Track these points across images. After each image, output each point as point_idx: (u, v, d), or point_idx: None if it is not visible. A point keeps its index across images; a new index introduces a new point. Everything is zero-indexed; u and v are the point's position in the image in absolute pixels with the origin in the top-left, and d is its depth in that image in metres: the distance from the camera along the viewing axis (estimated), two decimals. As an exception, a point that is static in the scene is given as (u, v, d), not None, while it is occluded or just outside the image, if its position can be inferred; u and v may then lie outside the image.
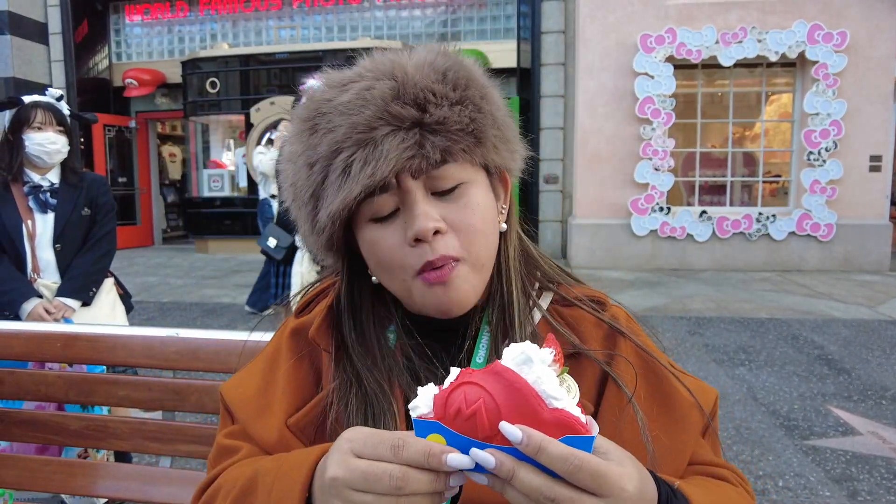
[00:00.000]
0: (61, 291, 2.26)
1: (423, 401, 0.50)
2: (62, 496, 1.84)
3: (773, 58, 7.86)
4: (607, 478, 0.48)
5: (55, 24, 10.82)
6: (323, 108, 0.65)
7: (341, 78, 0.67)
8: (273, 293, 4.28)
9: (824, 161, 7.88)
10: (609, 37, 8.16)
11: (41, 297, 2.24)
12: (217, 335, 1.29)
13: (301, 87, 3.12)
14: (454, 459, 0.47)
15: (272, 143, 5.56)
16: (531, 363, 0.48)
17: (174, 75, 10.77)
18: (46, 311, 2.20)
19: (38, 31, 10.73)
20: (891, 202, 8.10)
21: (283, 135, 5.37)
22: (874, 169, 7.91)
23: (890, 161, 7.93)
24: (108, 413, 1.84)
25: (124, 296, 2.54)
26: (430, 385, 0.51)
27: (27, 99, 2.28)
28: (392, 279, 0.68)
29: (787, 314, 5.58)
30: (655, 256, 8.30)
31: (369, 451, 0.50)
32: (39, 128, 2.23)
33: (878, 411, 3.33)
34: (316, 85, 0.69)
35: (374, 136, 0.61)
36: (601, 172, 8.28)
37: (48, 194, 2.27)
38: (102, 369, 1.77)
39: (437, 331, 0.72)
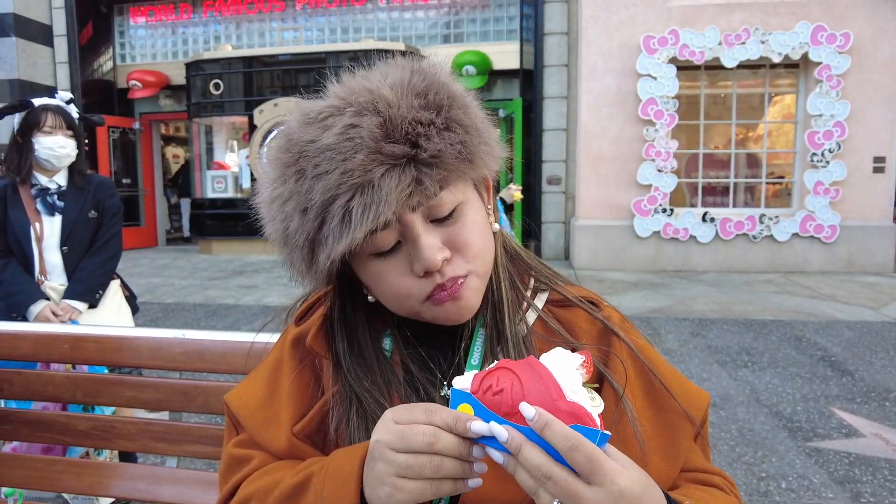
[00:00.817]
0: (68, 294, 2.27)
1: (465, 379, 0.58)
2: (64, 495, 1.85)
3: (777, 59, 7.85)
4: (601, 466, 0.50)
5: (60, 26, 10.87)
6: (307, 151, 0.62)
7: (318, 111, 0.64)
8: None
9: (828, 162, 7.87)
10: (612, 38, 8.17)
11: (48, 299, 2.25)
12: (223, 336, 1.30)
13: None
14: (477, 426, 0.53)
15: None
16: (561, 363, 0.56)
17: (178, 77, 10.81)
18: (53, 313, 2.21)
19: (42, 33, 10.78)
20: (895, 203, 8.07)
21: None
22: (878, 170, 7.90)
23: (894, 162, 7.91)
24: (112, 413, 1.86)
25: (130, 298, 2.55)
26: (474, 371, 0.59)
27: (37, 102, 2.28)
28: (397, 307, 0.68)
29: (790, 316, 5.58)
30: (658, 258, 8.29)
31: (406, 416, 0.57)
32: (50, 132, 2.24)
33: (882, 413, 3.32)
34: (291, 121, 0.66)
35: (371, 179, 0.59)
36: (604, 174, 8.28)
37: (55, 197, 2.28)
38: (104, 370, 1.79)
39: (433, 336, 0.73)
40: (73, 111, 2.35)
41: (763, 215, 8.11)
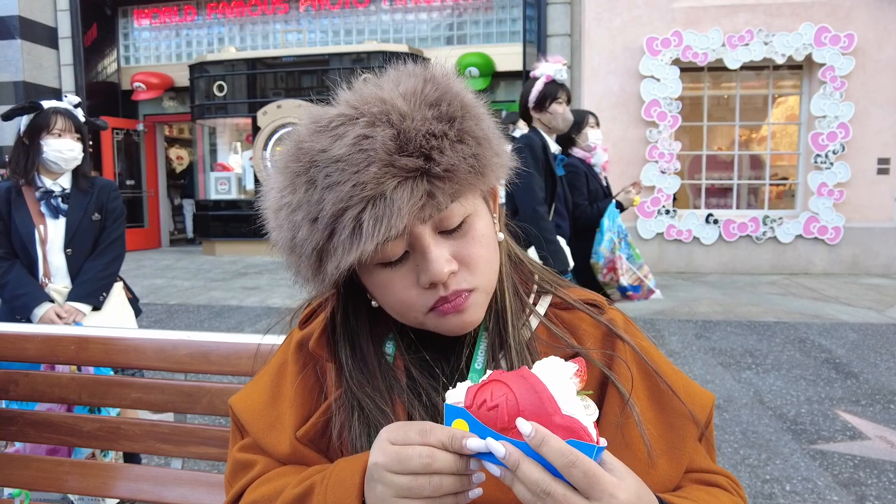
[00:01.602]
0: (72, 296, 2.27)
1: (458, 392, 0.58)
2: (70, 496, 1.86)
3: (780, 60, 7.84)
4: (599, 480, 0.51)
5: (65, 28, 10.92)
6: (318, 160, 0.61)
7: (329, 118, 0.63)
8: None
9: (831, 164, 7.85)
10: (615, 40, 8.17)
11: (52, 301, 2.26)
12: (228, 338, 1.30)
13: (533, 73, 2.95)
14: (473, 443, 0.54)
15: None
16: (554, 373, 0.55)
17: (182, 79, 10.84)
18: (58, 315, 2.22)
19: (48, 36, 10.84)
20: (899, 205, 8.05)
21: None
22: (882, 172, 7.88)
23: (898, 164, 7.90)
24: (117, 415, 1.86)
25: (132, 300, 2.55)
26: (468, 382, 0.58)
27: (46, 104, 2.29)
28: (403, 316, 0.68)
29: (794, 317, 5.56)
30: (662, 259, 8.28)
31: (401, 436, 0.57)
32: (59, 134, 2.25)
33: (887, 415, 3.31)
34: (300, 128, 0.65)
35: (384, 191, 0.58)
36: (607, 175, 8.27)
37: (59, 199, 2.29)
38: (110, 371, 1.80)
39: (436, 341, 0.73)
40: (79, 114, 2.36)
41: (766, 217, 8.09)
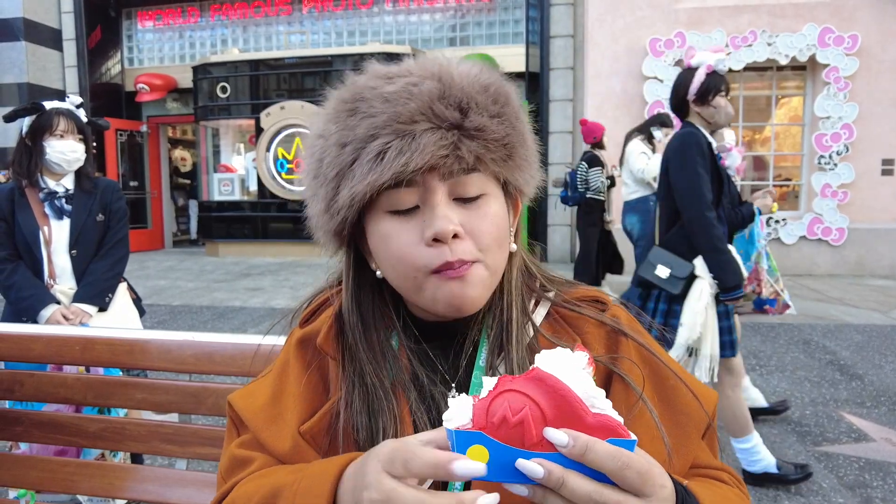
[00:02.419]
0: (78, 297, 2.27)
1: (458, 411, 0.49)
2: (79, 497, 1.86)
3: (784, 61, 7.83)
4: (651, 476, 0.49)
5: (69, 30, 10.97)
6: (366, 94, 0.65)
7: (387, 71, 0.68)
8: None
9: (835, 165, 7.83)
10: (618, 41, 8.16)
11: (59, 302, 2.26)
12: (232, 339, 1.31)
13: (689, 62, 2.68)
14: (461, 468, 0.46)
15: (652, 143, 5.09)
16: (568, 367, 0.49)
17: (185, 80, 10.88)
18: (64, 316, 2.21)
19: (52, 38, 10.88)
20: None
21: (664, 140, 4.88)
22: (886, 172, 7.85)
23: (902, 165, 7.87)
24: (125, 416, 1.86)
25: (136, 300, 2.56)
26: (463, 396, 0.50)
27: (48, 105, 2.28)
28: (401, 276, 0.68)
29: (798, 319, 5.54)
30: (665, 260, 8.25)
31: (389, 467, 0.50)
32: (62, 136, 2.24)
33: (892, 417, 3.30)
34: (362, 75, 0.70)
35: (414, 130, 0.62)
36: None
37: (63, 200, 2.29)
38: (118, 372, 1.80)
39: (437, 336, 0.73)
40: (81, 115, 2.36)
41: (770, 218, 8.07)
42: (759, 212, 2.84)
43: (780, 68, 8.14)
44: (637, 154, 5.06)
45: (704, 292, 2.48)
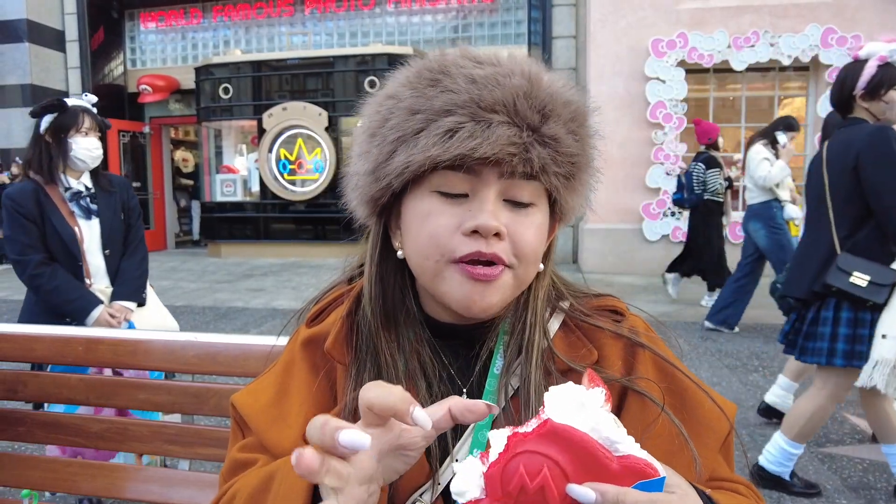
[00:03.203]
0: (119, 296, 2.30)
1: (468, 481, 0.45)
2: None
3: (786, 62, 7.81)
4: None
5: (72, 31, 11.00)
6: (452, 70, 0.64)
7: (476, 55, 0.67)
8: (824, 347, 2.48)
9: (838, 165, 7.81)
10: (620, 42, 8.16)
11: (101, 303, 2.26)
12: (235, 339, 1.30)
13: (856, 54, 2.45)
14: (346, 437, 0.44)
15: (775, 148, 4.89)
16: (584, 409, 0.44)
17: (188, 81, 10.90)
18: (111, 315, 2.23)
19: (55, 39, 10.92)
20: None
21: (788, 145, 4.71)
22: (889, 173, 7.83)
23: (906, 165, 7.84)
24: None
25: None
26: (470, 459, 0.47)
27: (70, 102, 2.27)
28: (424, 256, 0.66)
29: (801, 320, 5.52)
30: (667, 261, 8.23)
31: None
32: (86, 133, 2.24)
33: (896, 419, 3.29)
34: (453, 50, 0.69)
35: (492, 119, 0.60)
36: (612, 177, 8.25)
37: (88, 200, 2.28)
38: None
39: (450, 338, 0.73)
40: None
41: (773, 219, 8.06)
42: None
43: (783, 69, 8.13)
44: (759, 160, 4.85)
45: None
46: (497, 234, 0.63)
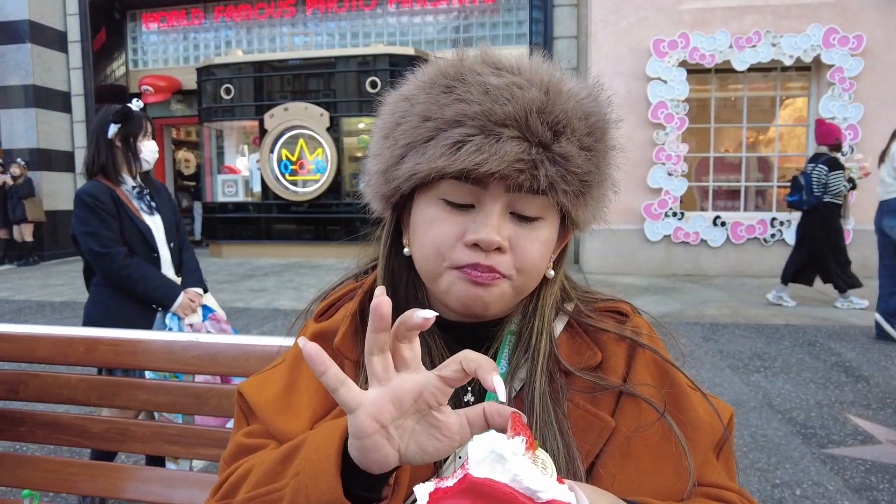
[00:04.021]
0: (189, 283, 2.46)
1: None
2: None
3: (788, 62, 7.80)
4: None
5: (74, 32, 11.02)
6: (468, 78, 0.63)
7: (497, 60, 0.66)
8: None
9: (840, 166, 7.79)
10: (622, 42, 8.15)
11: (182, 290, 2.42)
12: (236, 339, 1.31)
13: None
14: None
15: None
16: (504, 461, 0.44)
17: (189, 82, 10.92)
18: (191, 300, 2.38)
19: (57, 40, 10.93)
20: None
21: None
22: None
23: (908, 166, 7.82)
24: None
25: None
26: None
27: (133, 107, 2.40)
28: (425, 259, 0.67)
29: (803, 320, 5.52)
30: (669, 262, 8.24)
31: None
32: (150, 137, 2.40)
33: (898, 420, 3.28)
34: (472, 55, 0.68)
35: (501, 133, 0.60)
36: (613, 177, 8.25)
37: (149, 197, 2.42)
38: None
39: (456, 334, 0.73)
40: None
41: (774, 219, 8.05)
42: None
43: (785, 69, 8.12)
44: None
45: None
46: (498, 248, 0.63)
